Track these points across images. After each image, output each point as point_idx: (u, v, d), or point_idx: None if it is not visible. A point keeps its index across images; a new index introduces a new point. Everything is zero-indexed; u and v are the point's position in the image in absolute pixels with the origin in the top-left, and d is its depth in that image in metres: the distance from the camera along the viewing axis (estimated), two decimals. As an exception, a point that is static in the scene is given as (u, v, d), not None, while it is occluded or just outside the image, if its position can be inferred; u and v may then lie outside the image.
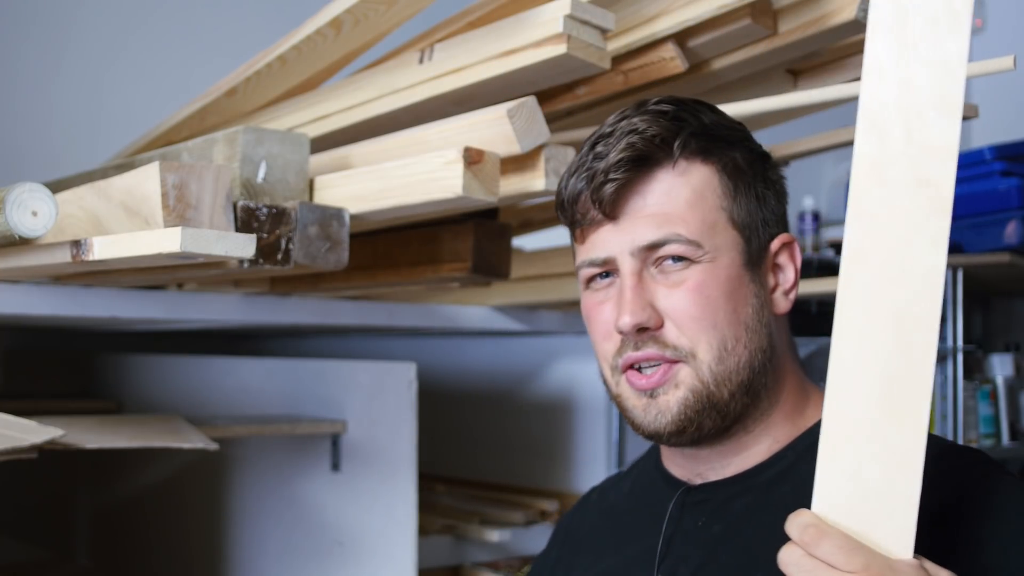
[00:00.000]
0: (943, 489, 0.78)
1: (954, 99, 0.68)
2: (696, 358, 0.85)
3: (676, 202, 0.86)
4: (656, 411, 0.86)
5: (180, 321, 1.56)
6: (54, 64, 2.20)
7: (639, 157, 0.85)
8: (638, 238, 0.86)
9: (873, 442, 0.69)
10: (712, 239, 0.86)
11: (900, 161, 0.69)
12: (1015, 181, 2.44)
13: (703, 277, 0.85)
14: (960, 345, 2.52)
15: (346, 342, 2.52)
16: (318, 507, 1.72)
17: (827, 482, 0.71)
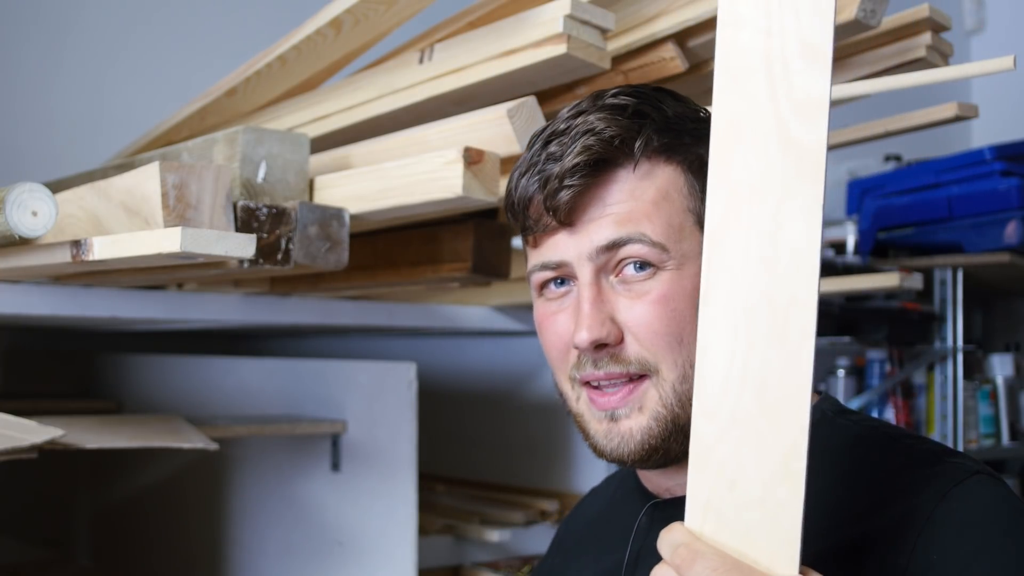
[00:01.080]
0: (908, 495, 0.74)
1: (823, 46, 0.59)
2: (659, 375, 0.79)
3: (639, 202, 0.79)
4: (619, 438, 0.80)
5: (180, 321, 1.56)
6: (54, 64, 2.20)
7: (596, 161, 0.78)
8: (596, 239, 0.79)
9: (749, 444, 0.61)
10: (679, 244, 0.79)
11: (765, 118, 0.60)
12: (1015, 181, 2.44)
13: (668, 288, 0.78)
14: (960, 345, 2.52)
15: (346, 342, 2.52)
16: (318, 507, 1.72)
17: (700, 492, 0.63)
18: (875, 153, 3.06)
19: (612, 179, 0.79)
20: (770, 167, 0.60)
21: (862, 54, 1.24)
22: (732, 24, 0.61)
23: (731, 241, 0.61)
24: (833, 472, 0.79)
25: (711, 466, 0.62)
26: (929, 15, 1.19)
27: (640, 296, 0.79)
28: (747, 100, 0.61)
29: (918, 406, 2.72)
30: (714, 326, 0.63)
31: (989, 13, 3.81)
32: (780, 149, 0.60)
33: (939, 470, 0.75)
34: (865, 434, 0.82)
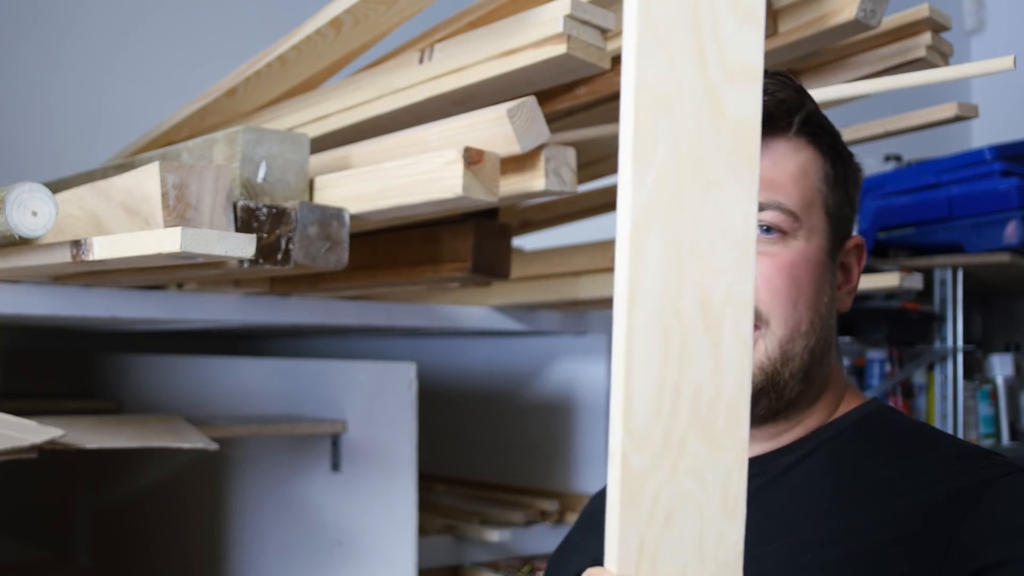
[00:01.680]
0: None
1: (756, 8, 0.52)
2: (770, 328, 0.83)
3: (782, 172, 0.85)
4: None
5: (180, 321, 1.56)
6: (54, 64, 2.20)
7: (764, 116, 0.82)
8: None
9: (685, 476, 0.53)
10: (808, 217, 0.85)
11: (694, 89, 0.51)
12: (1015, 181, 2.44)
13: (795, 256, 0.84)
14: (960, 345, 2.52)
15: (346, 342, 2.52)
16: (318, 507, 1.72)
17: (631, 533, 0.52)
18: (875, 153, 3.06)
19: (766, 143, 0.83)
20: (703, 144, 0.52)
21: (862, 54, 1.24)
22: None
23: (658, 232, 0.52)
24: (881, 456, 0.84)
25: (644, 501, 0.52)
26: (929, 15, 1.19)
27: (769, 256, 0.84)
28: (673, 66, 0.51)
29: (918, 406, 2.72)
30: (640, 334, 0.52)
31: (989, 13, 3.81)
32: (713, 124, 0.52)
33: (989, 463, 0.80)
34: (917, 429, 0.88)
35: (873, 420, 0.89)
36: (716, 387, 0.52)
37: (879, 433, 0.87)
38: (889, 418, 0.90)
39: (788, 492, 0.85)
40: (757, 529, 0.83)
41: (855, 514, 0.80)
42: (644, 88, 0.50)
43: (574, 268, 1.72)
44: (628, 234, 0.51)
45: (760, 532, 0.83)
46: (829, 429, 0.88)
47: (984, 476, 0.78)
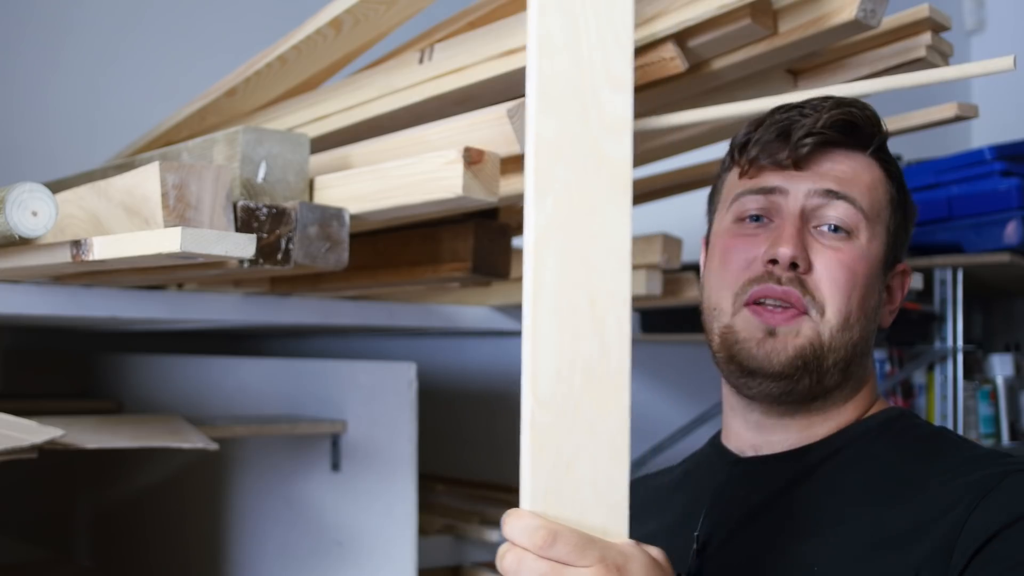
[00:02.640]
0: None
1: (625, 74, 0.68)
2: (824, 315, 0.88)
3: (858, 178, 0.91)
4: (771, 348, 0.88)
5: (180, 321, 1.56)
6: (53, 64, 2.20)
7: (851, 125, 0.90)
8: (819, 183, 0.90)
9: (580, 430, 0.69)
10: (874, 223, 0.91)
11: (580, 139, 0.68)
12: (1015, 181, 2.44)
13: (857, 254, 0.89)
14: (960, 345, 2.52)
15: (346, 342, 2.52)
16: (318, 507, 1.72)
17: (540, 477, 0.70)
18: (875, 153, 3.05)
19: (848, 151, 0.92)
20: (588, 180, 0.68)
21: (862, 54, 1.24)
22: (547, 55, 0.68)
23: (556, 245, 0.67)
24: (907, 453, 0.89)
25: (549, 452, 0.69)
26: (929, 15, 1.19)
27: (833, 249, 0.89)
28: (564, 122, 0.68)
29: (918, 406, 2.72)
30: (542, 323, 0.68)
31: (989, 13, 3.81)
32: (595, 165, 0.68)
33: (1008, 461, 0.84)
34: (940, 432, 0.94)
35: (898, 423, 0.94)
36: (602, 364, 0.68)
37: (905, 434, 0.92)
38: (913, 422, 0.95)
39: (820, 486, 0.89)
40: (792, 520, 0.87)
41: (882, 506, 0.84)
42: (542, 140, 0.67)
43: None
44: (532, 247, 0.67)
45: (795, 523, 0.87)
46: (857, 428, 0.93)
47: (1000, 471, 0.82)
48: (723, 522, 0.91)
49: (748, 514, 0.90)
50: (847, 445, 0.91)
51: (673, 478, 1.05)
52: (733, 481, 0.94)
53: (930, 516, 0.81)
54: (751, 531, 0.89)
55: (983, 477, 0.82)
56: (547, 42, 0.68)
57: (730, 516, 0.91)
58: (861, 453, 0.90)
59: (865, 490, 0.86)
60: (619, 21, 0.69)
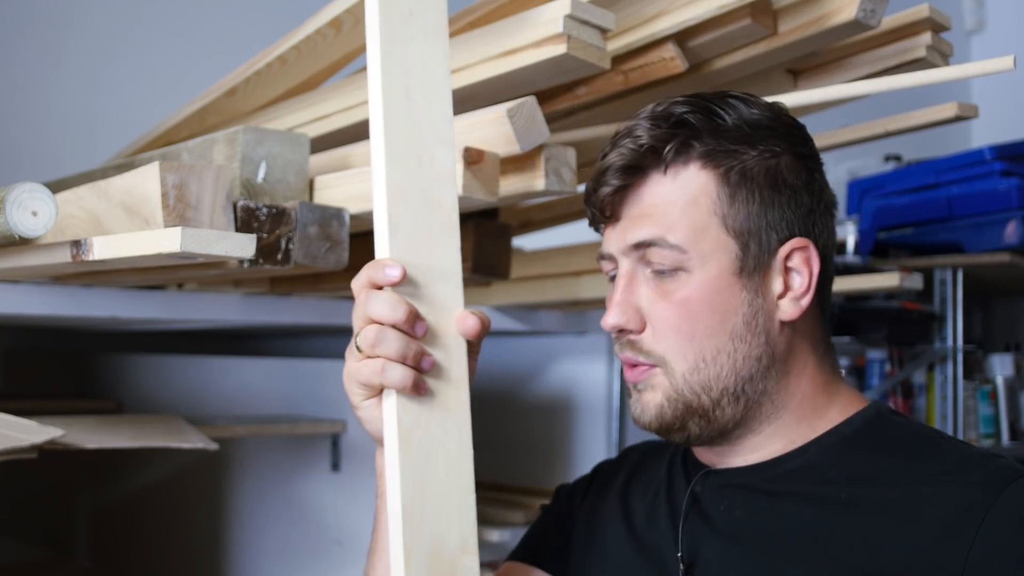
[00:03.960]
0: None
1: (447, 133, 0.84)
2: (668, 366, 0.87)
3: (670, 206, 0.87)
4: (640, 407, 0.90)
5: (180, 321, 1.56)
6: (53, 64, 2.20)
7: (629, 166, 0.88)
8: (628, 237, 0.89)
9: (432, 427, 0.80)
10: (698, 245, 0.86)
11: (418, 185, 0.83)
12: (1015, 181, 2.44)
13: (689, 291, 0.86)
14: (960, 345, 2.52)
15: (346, 342, 2.52)
16: (318, 507, 1.72)
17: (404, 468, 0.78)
18: (875, 153, 3.06)
19: (646, 180, 0.88)
20: (426, 217, 0.83)
21: (862, 54, 1.24)
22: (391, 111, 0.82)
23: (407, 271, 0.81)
24: (885, 460, 0.86)
25: (413, 447, 0.79)
26: (929, 15, 1.19)
27: (664, 295, 0.87)
28: (407, 171, 0.82)
29: (918, 406, 2.72)
30: None
31: (989, 13, 3.81)
32: (429, 208, 0.83)
33: (991, 469, 0.81)
34: (918, 433, 0.89)
35: (874, 426, 0.89)
36: (445, 376, 0.82)
37: (881, 438, 0.88)
38: (891, 421, 0.90)
39: (798, 501, 0.86)
40: (772, 539, 0.84)
41: (870, 528, 0.81)
42: (392, 181, 0.82)
43: (574, 268, 1.72)
44: None
45: (775, 544, 0.84)
46: (831, 436, 0.89)
47: (989, 482, 0.79)
48: (707, 539, 0.89)
49: (733, 534, 0.87)
50: (823, 455, 0.87)
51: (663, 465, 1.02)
52: (709, 492, 0.92)
53: (921, 543, 0.78)
54: (739, 554, 0.86)
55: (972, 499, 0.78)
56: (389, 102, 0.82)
57: (714, 534, 0.89)
58: (836, 463, 0.86)
59: (846, 509, 0.83)
60: (440, 90, 0.84)
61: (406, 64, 0.83)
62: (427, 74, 0.84)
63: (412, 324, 0.79)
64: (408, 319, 0.79)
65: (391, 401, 0.79)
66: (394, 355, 0.78)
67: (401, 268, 0.80)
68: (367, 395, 0.82)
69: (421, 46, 0.84)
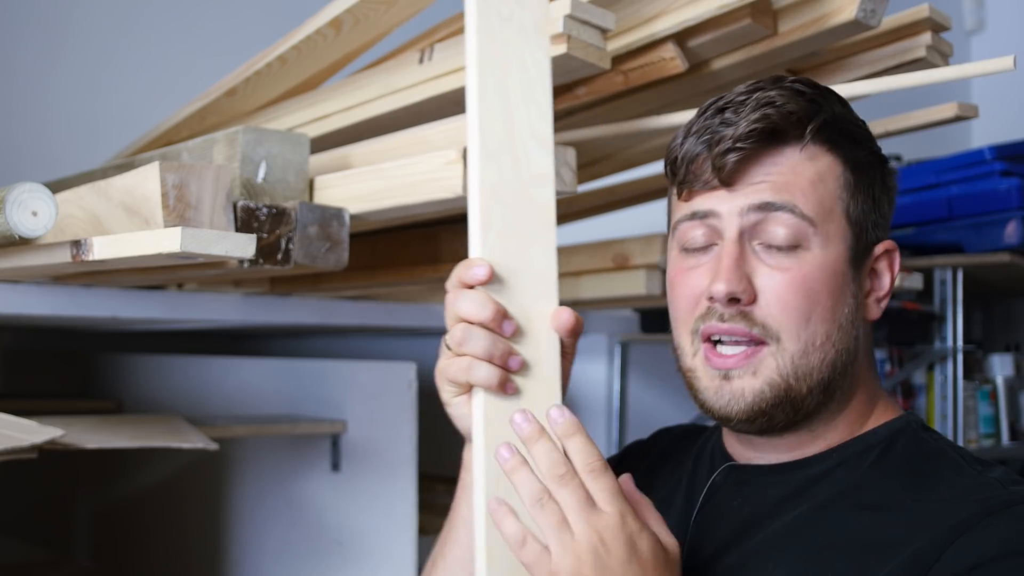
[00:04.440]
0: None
1: (545, 133, 0.84)
2: (780, 343, 0.82)
3: (798, 178, 0.83)
4: (729, 396, 0.84)
5: (180, 321, 1.56)
6: (53, 64, 2.20)
7: (772, 130, 0.83)
8: (752, 199, 0.83)
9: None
10: (826, 224, 0.83)
11: (513, 184, 0.83)
12: (1015, 181, 2.44)
13: (808, 268, 0.82)
14: (960, 345, 2.52)
15: (346, 342, 2.52)
16: (318, 507, 1.72)
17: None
18: (875, 153, 3.05)
19: (779, 152, 0.84)
20: (519, 218, 0.83)
21: (862, 54, 1.24)
22: (488, 113, 0.83)
23: (497, 271, 0.82)
24: (902, 478, 0.83)
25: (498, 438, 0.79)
26: (929, 15, 1.19)
27: (781, 269, 0.83)
28: (501, 172, 0.83)
29: (918, 406, 2.72)
30: None
31: (989, 13, 3.81)
32: (525, 205, 0.83)
33: (999, 494, 0.79)
34: (942, 452, 0.86)
35: (901, 440, 0.87)
36: (536, 372, 0.81)
37: (903, 454, 0.86)
38: (918, 437, 0.88)
39: (809, 506, 0.84)
40: (771, 539, 0.84)
41: (864, 534, 0.80)
42: (485, 184, 0.83)
43: (574, 268, 1.72)
44: None
45: (773, 544, 0.83)
46: (856, 444, 0.87)
47: (991, 504, 0.78)
48: (714, 531, 0.88)
49: (737, 529, 0.87)
50: (841, 465, 0.86)
51: (692, 451, 1.01)
52: (727, 487, 0.91)
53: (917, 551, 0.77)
54: (737, 550, 0.85)
55: (967, 516, 0.77)
56: (486, 103, 0.83)
57: (719, 526, 0.88)
58: (854, 474, 0.85)
59: (854, 519, 0.81)
60: (540, 90, 0.84)
61: (503, 63, 0.84)
62: (525, 73, 0.84)
63: (500, 323, 0.79)
64: (495, 317, 0.79)
65: (479, 399, 0.80)
66: (480, 353, 0.78)
67: (488, 267, 0.80)
68: (456, 392, 0.82)
69: (520, 45, 0.84)
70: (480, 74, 0.83)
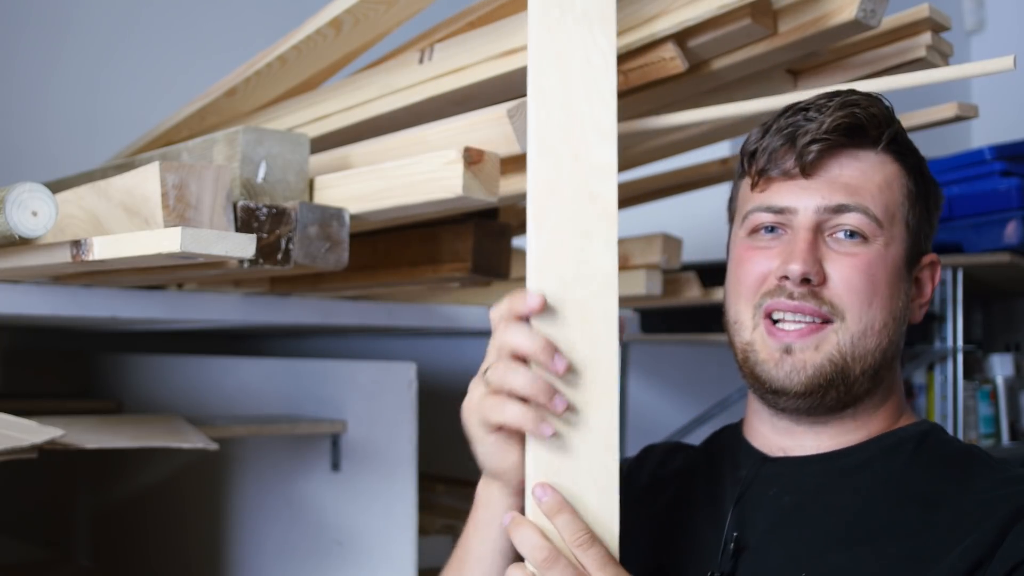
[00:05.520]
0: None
1: (607, 125, 0.81)
2: (845, 322, 0.87)
3: (869, 181, 0.89)
4: (790, 367, 0.87)
5: (180, 321, 1.56)
6: (53, 64, 2.20)
7: (856, 127, 0.89)
8: (828, 198, 0.88)
9: (576, 427, 0.78)
10: (890, 226, 0.89)
11: (572, 179, 0.80)
12: (1015, 181, 2.44)
13: (874, 257, 0.88)
14: (960, 345, 2.52)
15: (346, 342, 2.52)
16: (318, 507, 1.72)
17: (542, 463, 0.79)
18: (875, 153, 3.05)
19: (856, 152, 0.90)
20: (578, 213, 0.80)
21: (862, 54, 1.24)
22: (545, 104, 0.80)
23: (551, 269, 0.79)
24: (939, 471, 0.88)
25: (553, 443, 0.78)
26: (929, 15, 1.19)
27: (848, 256, 0.88)
28: (559, 165, 0.80)
29: (918, 406, 2.72)
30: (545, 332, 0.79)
31: (989, 13, 3.81)
32: (585, 202, 0.80)
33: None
34: (970, 450, 0.92)
35: (930, 438, 0.92)
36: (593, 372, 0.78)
37: (937, 451, 0.91)
38: (944, 438, 0.94)
39: (852, 497, 0.87)
40: (825, 530, 0.86)
41: (916, 527, 0.83)
42: (538, 178, 0.80)
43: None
44: (531, 270, 0.79)
45: (828, 534, 0.85)
46: (890, 438, 0.91)
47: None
48: (754, 522, 0.90)
49: (780, 517, 0.89)
50: (879, 455, 0.90)
51: (694, 457, 1.04)
52: (761, 480, 0.92)
53: (960, 538, 0.80)
54: (784, 536, 0.87)
55: (1016, 497, 0.81)
56: (542, 95, 0.80)
57: (761, 517, 0.90)
58: (894, 467, 0.89)
59: (898, 507, 0.85)
60: (604, 80, 0.81)
61: (563, 54, 0.81)
62: (588, 63, 0.81)
63: (550, 356, 0.77)
64: (546, 349, 0.76)
65: (531, 448, 0.78)
66: (522, 389, 0.76)
67: (542, 298, 0.78)
68: (488, 431, 0.81)
69: (583, 35, 0.82)
70: (538, 66, 0.81)
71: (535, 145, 0.80)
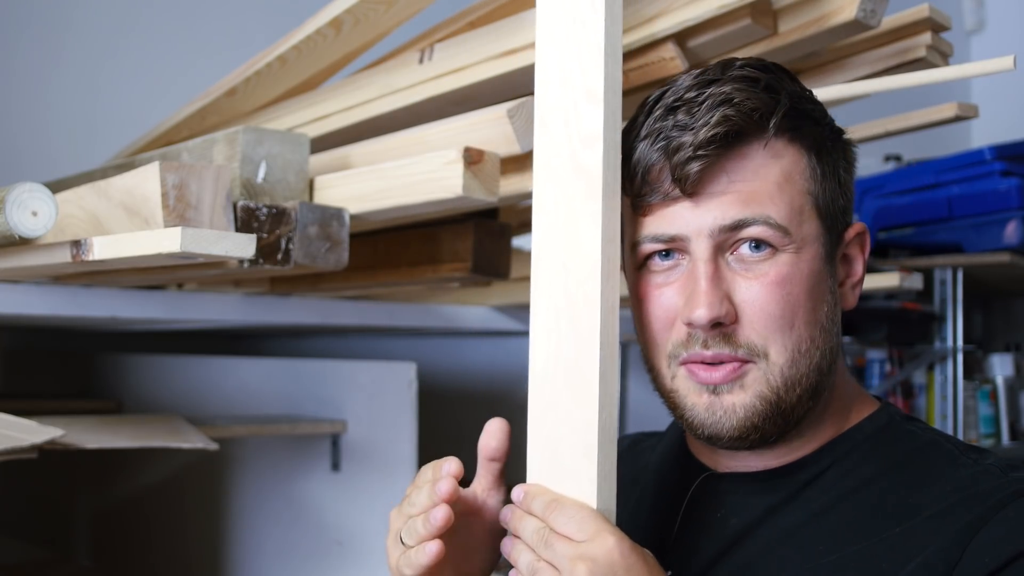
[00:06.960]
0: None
1: (598, 88, 0.75)
2: (768, 359, 0.78)
3: (765, 182, 0.78)
4: (721, 411, 0.79)
5: (180, 321, 1.56)
6: (53, 64, 2.20)
7: (734, 133, 0.76)
8: (720, 217, 0.77)
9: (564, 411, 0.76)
10: (799, 227, 0.78)
11: (562, 151, 0.76)
12: (1015, 181, 2.44)
13: (787, 271, 0.77)
14: (960, 345, 2.52)
15: (346, 342, 2.52)
16: (318, 507, 1.72)
17: (537, 457, 0.80)
18: (875, 153, 3.06)
19: (742, 154, 0.78)
20: (567, 191, 0.75)
21: (862, 54, 1.24)
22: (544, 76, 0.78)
23: (547, 255, 0.76)
24: (899, 474, 0.80)
25: (543, 436, 0.79)
26: (929, 15, 1.19)
27: (757, 277, 0.77)
28: (551, 137, 0.76)
29: (918, 406, 2.72)
30: (536, 327, 0.77)
31: (989, 13, 3.81)
32: (572, 175, 0.75)
33: (1002, 483, 0.76)
34: (933, 443, 0.82)
35: (888, 434, 0.84)
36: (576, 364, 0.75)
37: (893, 450, 0.83)
38: (904, 430, 0.84)
39: (804, 515, 0.81)
40: (775, 555, 0.79)
41: (872, 537, 0.77)
42: (538, 156, 0.77)
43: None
44: (533, 257, 0.77)
45: (779, 559, 0.79)
46: (843, 443, 0.83)
47: (1000, 497, 0.75)
48: (699, 548, 0.84)
49: (727, 542, 0.82)
50: (833, 464, 0.82)
51: (652, 462, 0.97)
52: (706, 499, 0.86)
53: (926, 549, 0.74)
54: (731, 565, 0.81)
55: (980, 512, 0.74)
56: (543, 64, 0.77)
57: (707, 542, 0.84)
58: (848, 475, 0.81)
59: (853, 521, 0.78)
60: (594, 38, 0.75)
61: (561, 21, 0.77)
62: (583, 27, 0.76)
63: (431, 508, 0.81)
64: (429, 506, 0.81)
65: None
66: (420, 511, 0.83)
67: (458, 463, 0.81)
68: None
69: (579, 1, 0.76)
70: (540, 32, 0.77)
71: (538, 120, 0.77)
